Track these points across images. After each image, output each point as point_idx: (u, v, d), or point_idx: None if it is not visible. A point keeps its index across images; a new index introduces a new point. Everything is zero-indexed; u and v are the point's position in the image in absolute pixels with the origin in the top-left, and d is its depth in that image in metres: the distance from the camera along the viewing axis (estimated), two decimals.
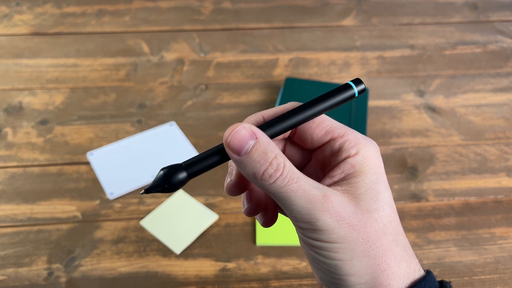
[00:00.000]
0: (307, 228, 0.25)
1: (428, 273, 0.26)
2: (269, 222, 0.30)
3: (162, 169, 0.25)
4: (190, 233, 0.59)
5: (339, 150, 0.26)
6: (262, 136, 0.25)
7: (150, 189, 0.25)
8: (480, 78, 0.83)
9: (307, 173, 0.29)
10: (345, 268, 0.24)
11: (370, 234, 0.25)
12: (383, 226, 0.25)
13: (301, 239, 0.26)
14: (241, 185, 0.28)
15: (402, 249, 0.26)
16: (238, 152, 0.24)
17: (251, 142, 0.24)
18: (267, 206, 0.30)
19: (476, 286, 0.55)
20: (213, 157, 0.26)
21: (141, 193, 0.25)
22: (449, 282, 0.27)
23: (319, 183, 0.25)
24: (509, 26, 0.95)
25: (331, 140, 0.27)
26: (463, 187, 0.66)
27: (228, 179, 0.29)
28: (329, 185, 0.26)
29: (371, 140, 0.27)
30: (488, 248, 0.59)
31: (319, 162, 0.29)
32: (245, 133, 0.24)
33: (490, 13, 0.98)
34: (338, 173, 0.26)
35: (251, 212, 0.29)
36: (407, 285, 0.25)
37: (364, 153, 0.26)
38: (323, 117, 0.27)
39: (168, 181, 0.24)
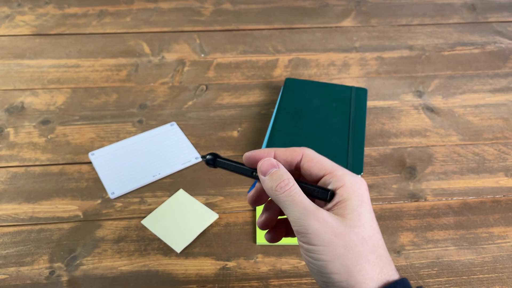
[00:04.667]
0: (301, 232, 0.33)
1: (402, 279, 0.32)
2: (275, 239, 0.40)
3: (210, 153, 0.39)
4: (191, 232, 0.60)
5: (329, 184, 0.35)
6: (282, 167, 0.36)
7: (203, 156, 0.39)
8: (479, 78, 0.84)
9: None
10: (328, 267, 0.32)
11: (349, 242, 0.32)
12: (362, 238, 0.32)
13: (299, 246, 0.34)
14: (260, 198, 0.39)
15: (377, 257, 0.32)
16: (264, 173, 0.36)
17: (274, 169, 0.35)
18: (277, 227, 0.40)
19: (474, 285, 0.56)
20: (236, 166, 0.38)
21: (201, 156, 0.40)
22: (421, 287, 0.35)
23: (314, 203, 0.34)
24: (508, 27, 0.96)
25: (324, 176, 0.35)
26: (461, 186, 0.66)
27: (251, 193, 0.40)
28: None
29: (357, 176, 0.35)
30: (487, 247, 0.60)
31: None
32: (271, 163, 0.36)
33: (489, 14, 0.99)
34: (328, 205, 0.34)
35: (254, 202, 0.40)
36: (379, 285, 0.31)
37: (348, 185, 0.34)
38: (320, 158, 0.36)
39: (208, 157, 0.39)
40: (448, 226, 0.62)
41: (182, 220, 0.61)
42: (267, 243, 0.59)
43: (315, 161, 0.36)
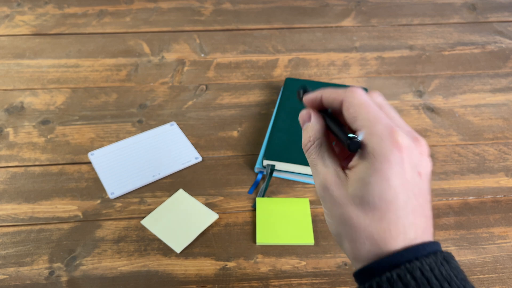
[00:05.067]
0: (317, 192, 0.34)
1: (394, 254, 0.30)
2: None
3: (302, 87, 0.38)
4: (191, 232, 0.60)
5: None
6: (313, 119, 0.35)
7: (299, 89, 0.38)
8: (479, 78, 0.84)
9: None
10: (331, 228, 0.33)
11: (346, 213, 0.31)
12: (361, 211, 0.31)
13: None
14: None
15: (378, 230, 0.30)
16: (302, 125, 0.36)
17: (307, 124, 0.36)
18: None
19: (474, 286, 0.56)
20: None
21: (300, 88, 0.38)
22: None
23: (333, 163, 0.33)
24: (508, 27, 0.95)
25: (359, 130, 0.32)
26: (462, 187, 0.66)
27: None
28: (347, 167, 0.33)
29: (397, 136, 0.30)
30: (487, 247, 0.60)
31: None
32: (303, 115, 0.36)
33: (489, 14, 0.99)
34: (352, 161, 0.32)
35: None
36: (369, 258, 0.30)
37: (370, 147, 0.30)
38: (359, 106, 0.32)
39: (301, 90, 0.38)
40: (448, 226, 0.62)
41: (182, 220, 0.61)
42: (267, 243, 0.59)
43: (351, 111, 0.32)
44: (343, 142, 0.32)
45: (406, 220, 0.30)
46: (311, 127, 0.35)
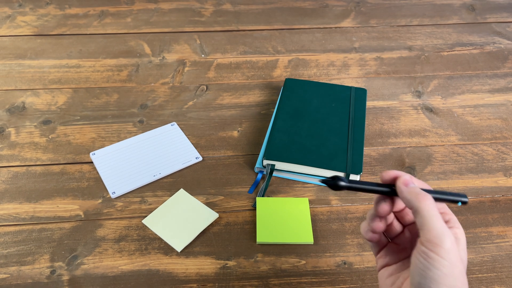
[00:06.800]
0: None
1: None
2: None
3: (334, 177, 0.39)
4: (191, 231, 0.60)
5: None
6: (411, 184, 0.40)
7: (324, 181, 0.38)
8: (478, 79, 0.84)
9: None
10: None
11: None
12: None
13: None
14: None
15: None
16: (406, 185, 0.39)
17: (412, 185, 0.39)
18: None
19: (473, 285, 0.56)
20: (369, 186, 0.39)
21: (320, 180, 0.40)
22: None
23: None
24: (506, 27, 0.96)
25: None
26: (460, 186, 0.67)
27: (376, 223, 0.42)
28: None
29: (455, 234, 0.38)
30: (486, 247, 0.60)
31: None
32: (406, 178, 0.40)
33: (488, 15, 0.99)
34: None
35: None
36: None
37: (425, 251, 0.36)
38: (430, 215, 0.37)
39: (333, 181, 0.38)
40: None
41: (182, 219, 0.62)
42: (267, 242, 0.59)
43: (418, 219, 0.38)
44: (453, 200, 0.40)
45: None
46: (414, 188, 0.39)
